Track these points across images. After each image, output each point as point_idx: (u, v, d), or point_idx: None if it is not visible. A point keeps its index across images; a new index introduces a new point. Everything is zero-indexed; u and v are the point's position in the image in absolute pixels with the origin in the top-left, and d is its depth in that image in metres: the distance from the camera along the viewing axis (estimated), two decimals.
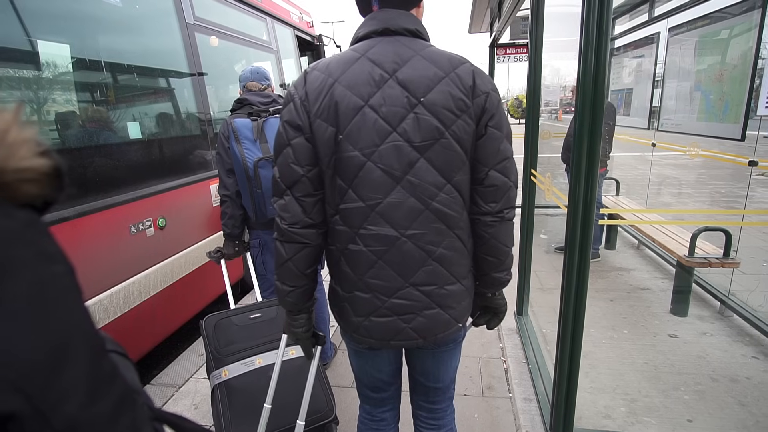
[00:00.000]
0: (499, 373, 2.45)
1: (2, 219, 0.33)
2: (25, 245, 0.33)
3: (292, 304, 1.16)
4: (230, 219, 2.24)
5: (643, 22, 4.03)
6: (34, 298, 0.32)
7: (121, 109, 2.50)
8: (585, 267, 1.51)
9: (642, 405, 2.12)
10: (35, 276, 0.33)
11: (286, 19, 4.76)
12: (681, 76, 3.31)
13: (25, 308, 0.31)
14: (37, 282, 0.33)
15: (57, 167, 0.38)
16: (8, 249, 0.32)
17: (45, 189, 0.38)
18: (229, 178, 2.19)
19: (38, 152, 0.36)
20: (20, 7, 1.90)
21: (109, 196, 2.23)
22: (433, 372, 1.30)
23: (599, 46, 1.34)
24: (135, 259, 2.41)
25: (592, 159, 1.43)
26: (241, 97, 2.23)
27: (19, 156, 0.35)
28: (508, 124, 1.09)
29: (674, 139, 3.89)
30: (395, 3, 1.06)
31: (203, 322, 1.98)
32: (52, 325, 0.33)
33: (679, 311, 2.99)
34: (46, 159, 0.37)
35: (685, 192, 6.26)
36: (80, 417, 0.33)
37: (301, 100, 1.03)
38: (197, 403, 2.31)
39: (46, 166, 0.37)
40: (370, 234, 1.05)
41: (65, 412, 0.32)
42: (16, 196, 0.36)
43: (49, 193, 0.38)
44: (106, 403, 0.36)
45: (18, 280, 0.31)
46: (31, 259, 0.33)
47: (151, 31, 2.83)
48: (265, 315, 2.04)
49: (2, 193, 0.35)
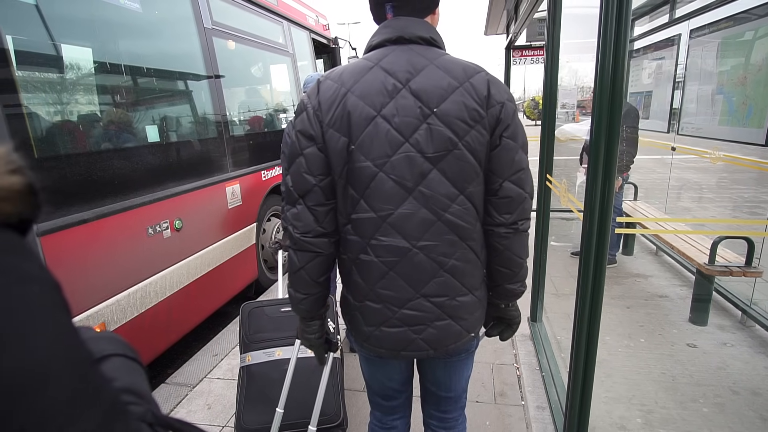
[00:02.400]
0: (511, 380, 2.42)
1: None
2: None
3: (306, 311, 1.17)
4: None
5: (663, 24, 3.95)
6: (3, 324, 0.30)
7: (139, 112, 2.54)
8: (601, 274, 1.48)
9: (659, 416, 2.07)
10: (4, 300, 0.31)
11: (302, 22, 4.79)
12: (702, 79, 3.24)
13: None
14: (6, 310, 0.31)
15: (30, 184, 0.37)
16: None
17: (18, 207, 0.36)
18: None
19: (9, 170, 0.35)
20: (45, 13, 1.96)
21: (128, 198, 2.28)
22: (445, 381, 1.30)
23: (617, 48, 1.32)
24: (152, 261, 2.45)
25: (610, 163, 1.39)
26: None
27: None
28: (524, 134, 1.07)
29: (694, 143, 3.80)
30: (409, 11, 1.05)
31: (241, 307, 2.12)
32: (28, 355, 0.31)
33: (699, 320, 2.91)
34: (18, 176, 0.36)
35: (705, 196, 6.11)
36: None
37: (314, 109, 1.03)
38: (210, 403, 2.33)
39: (18, 183, 0.36)
40: (382, 245, 1.05)
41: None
42: None
43: (23, 211, 0.37)
44: (90, 421, 0.34)
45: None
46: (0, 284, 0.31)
47: (170, 35, 2.88)
48: None
49: None
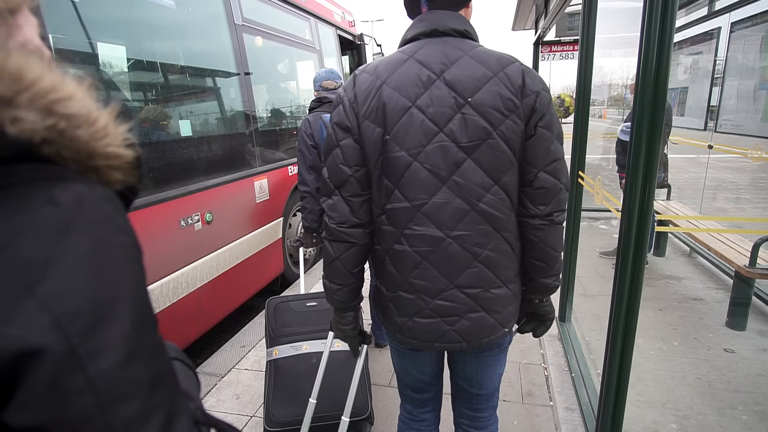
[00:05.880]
0: (539, 380, 2.38)
1: (83, 188, 0.38)
2: (96, 211, 0.38)
3: (340, 302, 1.18)
4: (309, 213, 2.39)
5: (702, 17, 3.80)
6: (94, 254, 0.36)
7: (172, 107, 2.60)
8: (639, 276, 1.44)
9: (695, 422, 2.01)
10: (100, 237, 0.37)
11: (328, 18, 4.81)
12: (744, 74, 3.11)
13: (84, 261, 0.35)
14: (101, 242, 0.37)
15: (138, 158, 0.45)
16: (81, 211, 0.37)
17: (128, 176, 0.44)
18: (309, 175, 2.30)
19: (125, 144, 0.43)
20: (82, 12, 2.02)
21: (162, 191, 2.34)
22: (477, 378, 1.29)
23: (662, 41, 1.27)
24: (184, 252, 2.51)
25: (651, 162, 1.35)
26: (320, 96, 2.38)
27: (111, 143, 0.41)
28: (560, 124, 1.06)
29: (732, 141, 3.66)
30: (444, 4, 1.06)
31: (267, 302, 2.14)
32: (105, 282, 0.37)
33: (737, 325, 2.80)
34: (130, 150, 0.43)
35: (743, 197, 5.87)
36: (113, 374, 0.35)
37: (350, 102, 1.05)
38: (239, 393, 2.38)
39: (130, 156, 0.43)
40: (416, 234, 1.05)
41: (100, 364, 0.34)
42: (105, 180, 0.42)
43: (130, 180, 0.44)
44: (142, 372, 0.37)
45: (83, 236, 0.36)
46: (100, 223, 0.38)
47: (202, 32, 2.94)
48: (321, 305, 2.16)
49: (94, 177, 0.42)
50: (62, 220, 0.36)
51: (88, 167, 0.41)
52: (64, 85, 0.38)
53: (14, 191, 0.36)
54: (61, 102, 0.37)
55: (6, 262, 0.33)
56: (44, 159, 0.38)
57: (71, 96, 0.38)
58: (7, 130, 0.35)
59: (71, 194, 0.37)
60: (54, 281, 0.34)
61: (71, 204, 0.37)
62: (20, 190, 0.36)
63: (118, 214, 0.40)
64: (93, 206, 0.38)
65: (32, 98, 0.36)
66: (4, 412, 0.33)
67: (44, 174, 0.38)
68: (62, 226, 0.36)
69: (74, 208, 0.37)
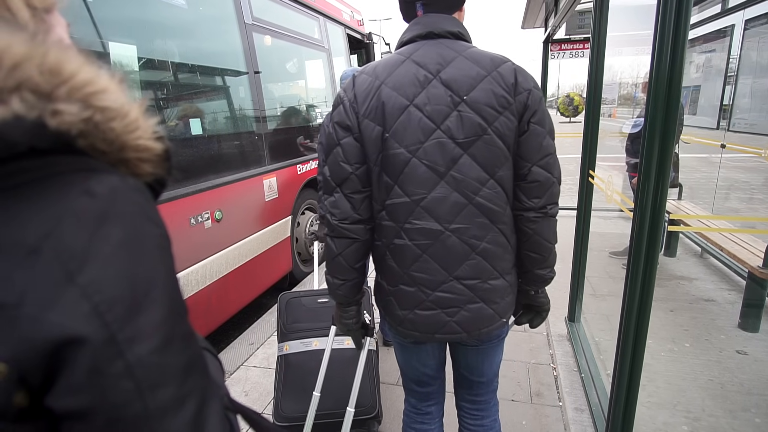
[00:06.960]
0: (548, 381, 2.37)
1: (117, 180, 0.40)
2: (129, 202, 0.39)
3: (343, 297, 1.22)
4: None
5: (715, 14, 3.75)
6: (129, 243, 0.38)
7: (183, 105, 2.62)
8: (651, 276, 1.43)
9: (706, 424, 1.99)
10: (134, 227, 0.39)
11: (337, 17, 4.82)
12: (758, 72, 3.07)
13: (120, 250, 0.37)
14: (135, 232, 0.39)
15: (168, 150, 0.46)
16: (115, 202, 0.38)
17: (157, 169, 0.45)
18: None
19: (155, 137, 0.44)
20: (94, 12, 2.04)
21: (173, 189, 2.36)
22: (477, 367, 1.34)
23: (677, 38, 1.25)
24: (194, 250, 2.53)
25: (663, 161, 1.34)
26: None
27: (142, 136, 0.43)
28: (551, 120, 1.11)
29: (745, 140, 3.60)
30: (439, 7, 1.10)
31: (279, 297, 2.15)
32: (140, 271, 0.38)
33: (750, 326, 2.76)
34: (160, 143, 0.45)
35: (756, 197, 5.78)
36: (150, 360, 0.36)
37: (350, 102, 1.08)
38: (247, 390, 2.40)
39: (159, 149, 0.45)
40: (415, 228, 1.09)
41: (137, 350, 0.36)
42: (134, 172, 0.44)
43: (159, 173, 0.46)
44: (176, 358, 0.39)
45: (118, 226, 0.37)
46: (133, 213, 0.39)
47: (212, 31, 2.95)
48: (332, 301, 2.15)
49: (124, 169, 0.43)
50: (99, 211, 0.37)
51: (119, 159, 0.42)
52: (99, 78, 0.39)
53: (54, 181, 0.37)
54: (97, 95, 0.38)
55: (48, 248, 0.34)
56: (79, 151, 0.39)
57: (105, 89, 0.39)
58: (48, 122, 0.36)
59: (106, 185, 0.38)
60: (93, 270, 0.35)
61: (106, 195, 0.38)
62: (60, 181, 0.37)
63: (149, 205, 0.42)
64: (126, 197, 0.39)
65: (70, 91, 0.37)
66: (48, 397, 0.34)
67: (80, 165, 0.39)
68: (99, 216, 0.37)
69: (109, 199, 0.38)
